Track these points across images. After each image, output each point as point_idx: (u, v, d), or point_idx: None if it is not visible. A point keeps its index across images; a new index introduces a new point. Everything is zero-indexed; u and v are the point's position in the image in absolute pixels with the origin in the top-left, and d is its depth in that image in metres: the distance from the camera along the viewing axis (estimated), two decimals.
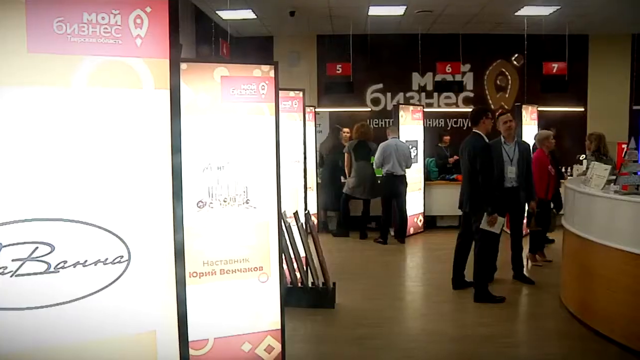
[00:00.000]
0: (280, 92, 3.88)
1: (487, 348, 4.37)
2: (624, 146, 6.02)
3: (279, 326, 3.75)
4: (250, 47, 10.92)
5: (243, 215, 3.59)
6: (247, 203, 3.60)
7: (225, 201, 3.55)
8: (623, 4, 9.34)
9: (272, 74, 3.63)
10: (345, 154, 8.40)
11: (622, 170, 4.65)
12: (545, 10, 9.59)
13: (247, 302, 3.65)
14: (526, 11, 9.61)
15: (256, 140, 3.58)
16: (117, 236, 1.96)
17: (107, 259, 1.96)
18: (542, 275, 6.36)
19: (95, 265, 1.93)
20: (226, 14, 9.58)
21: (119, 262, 1.98)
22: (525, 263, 6.55)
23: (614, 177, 4.77)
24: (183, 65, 3.28)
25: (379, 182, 8.37)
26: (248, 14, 9.66)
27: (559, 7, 9.37)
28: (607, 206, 4.57)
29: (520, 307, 5.58)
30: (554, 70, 10.54)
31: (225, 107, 3.50)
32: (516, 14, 9.78)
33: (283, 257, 4.45)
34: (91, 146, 1.93)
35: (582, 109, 11.93)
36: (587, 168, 5.70)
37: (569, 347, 4.43)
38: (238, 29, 10.91)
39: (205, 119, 3.45)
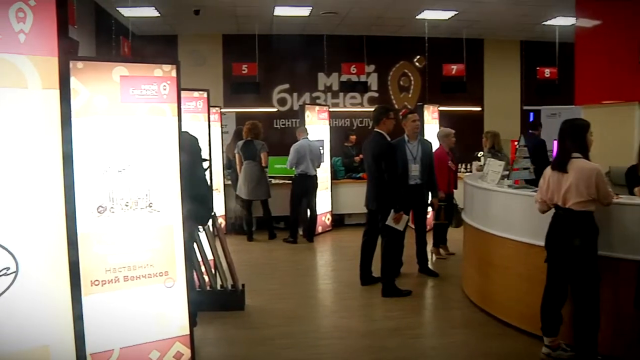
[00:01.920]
0: (183, 92, 3.79)
1: (395, 340, 4.49)
2: (516, 144, 6.40)
3: (187, 331, 3.67)
4: (153, 46, 10.58)
5: (146, 219, 3.47)
6: (150, 207, 3.49)
7: (127, 205, 3.42)
8: (512, 14, 9.99)
9: (174, 73, 3.53)
10: (236, 155, 8.33)
11: (514, 166, 4.95)
12: (444, 15, 10.04)
13: (153, 308, 3.53)
14: (427, 15, 10.01)
15: (158, 142, 3.48)
16: (1, 246, 1.83)
17: None
18: (446, 268, 6.65)
19: None
20: (128, 11, 9.26)
21: (5, 274, 1.85)
22: (429, 257, 6.81)
23: (507, 173, 5.06)
24: (79, 64, 3.13)
25: (268, 181, 8.40)
26: (151, 12, 9.38)
27: (456, 12, 9.84)
28: (502, 200, 4.84)
29: (425, 299, 5.78)
30: (453, 72, 11.06)
31: (124, 108, 3.36)
32: (417, 17, 10.16)
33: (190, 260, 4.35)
34: None
35: (479, 109, 12.63)
36: (484, 164, 6.00)
37: (471, 333, 4.65)
38: (141, 27, 10.57)
39: (104, 121, 3.29)
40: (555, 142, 4.05)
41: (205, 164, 4.74)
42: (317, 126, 8.86)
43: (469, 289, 5.51)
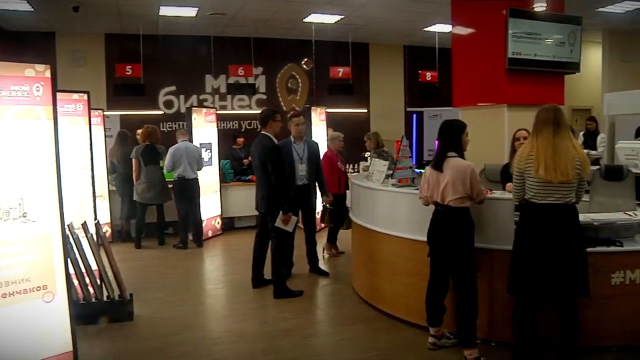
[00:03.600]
0: (61, 94, 3.60)
1: (289, 341, 4.52)
2: (401, 143, 6.69)
3: (70, 348, 3.49)
4: (27, 44, 9.90)
5: (20, 230, 3.26)
6: (24, 217, 3.27)
7: None
8: (395, 19, 10.44)
9: (48, 74, 3.35)
10: (133, 160, 8.04)
11: (398, 165, 5.16)
12: (330, 19, 10.27)
13: (31, 326, 3.32)
14: (313, 18, 10.19)
15: (31, 147, 3.27)
16: None
17: None
18: (336, 267, 6.80)
19: None
20: None
21: None
22: (320, 256, 6.92)
23: (391, 172, 5.27)
24: None
25: (169, 186, 8.20)
26: (22, 5, 8.71)
27: (342, 17, 10.10)
28: (387, 198, 5.02)
29: (317, 299, 5.86)
30: (340, 75, 11.35)
31: None
32: (304, 20, 10.31)
33: (72, 272, 4.13)
34: None
35: (366, 110, 13.05)
36: (370, 164, 6.20)
37: (361, 329, 4.78)
38: (11, 22, 9.80)
39: None
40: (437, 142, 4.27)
41: None
42: (204, 129, 8.72)
43: (358, 286, 5.67)
